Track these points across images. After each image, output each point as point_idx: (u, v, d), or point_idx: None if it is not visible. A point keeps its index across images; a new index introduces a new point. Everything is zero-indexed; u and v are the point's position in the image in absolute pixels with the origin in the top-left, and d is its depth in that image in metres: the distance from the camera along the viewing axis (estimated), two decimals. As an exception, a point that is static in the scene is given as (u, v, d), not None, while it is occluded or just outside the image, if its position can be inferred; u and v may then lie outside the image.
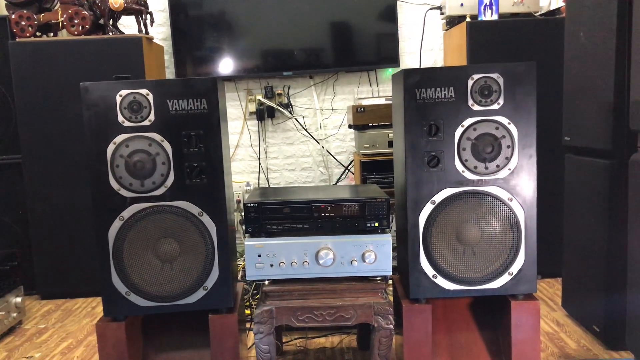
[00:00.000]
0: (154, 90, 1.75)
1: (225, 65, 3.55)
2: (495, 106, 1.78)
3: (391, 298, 2.03)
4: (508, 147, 1.79)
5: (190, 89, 1.76)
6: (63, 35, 3.20)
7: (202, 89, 1.76)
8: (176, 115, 1.76)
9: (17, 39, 3.03)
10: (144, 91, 1.75)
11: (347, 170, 3.72)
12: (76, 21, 3.04)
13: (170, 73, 3.59)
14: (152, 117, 1.75)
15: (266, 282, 1.86)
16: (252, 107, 3.68)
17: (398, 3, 3.53)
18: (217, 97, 1.77)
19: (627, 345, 2.10)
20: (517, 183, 1.81)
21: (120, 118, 1.75)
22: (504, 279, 1.83)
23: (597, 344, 2.28)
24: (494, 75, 1.78)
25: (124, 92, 1.74)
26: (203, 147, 1.77)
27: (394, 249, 1.90)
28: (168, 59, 3.59)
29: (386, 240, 1.84)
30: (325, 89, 3.71)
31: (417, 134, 1.80)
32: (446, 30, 3.37)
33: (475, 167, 1.80)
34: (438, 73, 1.79)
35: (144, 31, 3.19)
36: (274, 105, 3.66)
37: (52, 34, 3.16)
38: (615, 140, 2.11)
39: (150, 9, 3.22)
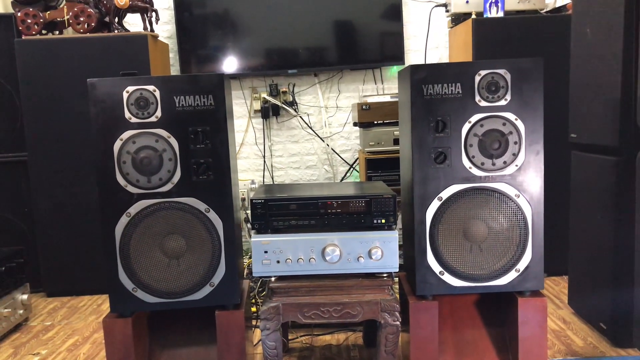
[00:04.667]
0: (160, 87, 1.75)
1: (230, 63, 3.55)
2: (503, 102, 1.78)
3: (397, 296, 2.02)
4: (515, 143, 1.79)
5: (197, 85, 1.76)
6: (69, 33, 3.20)
7: (208, 85, 1.76)
8: (183, 111, 1.76)
9: (23, 37, 3.04)
10: (150, 87, 1.75)
11: (352, 169, 3.72)
12: (82, 19, 3.04)
13: (175, 71, 3.59)
14: (158, 113, 1.75)
15: (272, 279, 1.86)
16: (257, 105, 3.68)
17: (403, 1, 3.53)
18: (223, 93, 1.77)
19: (634, 343, 2.10)
20: (524, 179, 1.80)
21: (127, 114, 1.75)
22: (511, 275, 1.83)
23: (603, 341, 2.27)
24: (501, 71, 1.77)
25: (130, 89, 1.74)
26: (210, 143, 1.77)
27: (400, 247, 1.90)
28: (173, 56, 3.59)
29: (393, 237, 1.83)
30: (330, 86, 3.71)
31: (424, 130, 1.80)
32: (451, 27, 3.37)
33: (483, 164, 1.80)
34: (445, 69, 1.78)
35: (149, 29, 3.19)
36: (278, 103, 3.66)
37: (57, 32, 3.17)
38: (622, 136, 2.10)
39: (155, 7, 3.22)
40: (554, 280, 3.01)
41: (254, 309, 2.50)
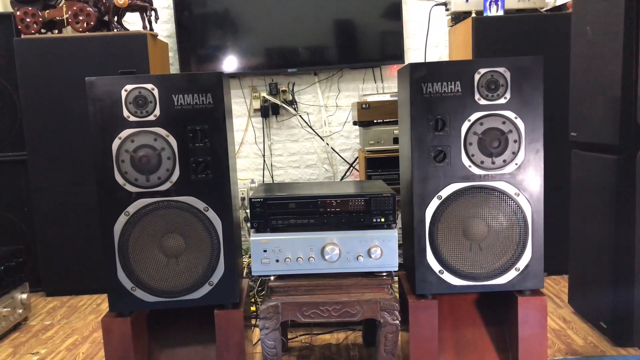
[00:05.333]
0: (159, 85, 1.74)
1: (230, 62, 3.54)
2: (502, 100, 1.77)
3: (397, 295, 2.02)
4: (515, 141, 1.78)
5: (196, 84, 1.75)
6: (68, 32, 3.20)
7: (207, 83, 1.75)
8: (181, 110, 1.76)
9: (22, 36, 3.03)
10: (149, 86, 1.74)
11: (352, 167, 3.71)
12: (81, 18, 3.04)
13: (174, 70, 3.59)
14: (157, 112, 1.75)
15: (272, 278, 1.86)
16: (257, 104, 3.68)
17: (403, -1, 3.53)
18: (222, 91, 1.77)
19: (634, 342, 2.09)
20: (524, 178, 1.79)
21: (126, 113, 1.74)
22: (511, 274, 1.82)
23: (604, 340, 2.26)
24: (501, 70, 1.76)
25: (129, 87, 1.74)
26: (208, 142, 1.77)
27: (399, 246, 1.90)
28: (172, 55, 3.59)
29: (392, 236, 1.83)
30: (329, 85, 3.70)
31: (423, 129, 1.79)
32: (451, 26, 3.36)
33: (482, 162, 1.79)
34: (444, 67, 1.78)
35: (148, 28, 3.19)
36: (278, 102, 3.66)
37: (56, 31, 3.16)
38: (622, 135, 2.09)
39: (154, 6, 3.22)
40: (554, 279, 3.01)
41: (253, 308, 2.50)
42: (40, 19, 3.03)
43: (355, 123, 3.26)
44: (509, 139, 1.78)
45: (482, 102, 1.77)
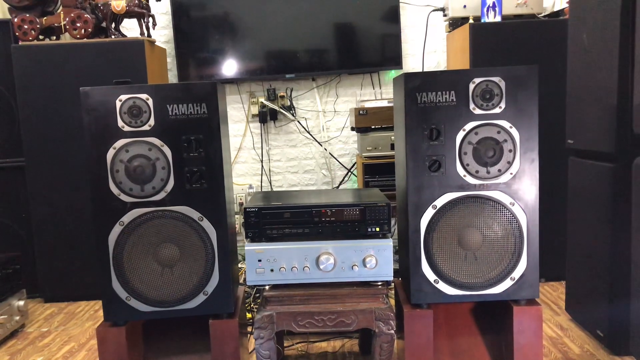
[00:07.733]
0: (153, 95, 1.74)
1: (228, 67, 3.55)
2: (497, 110, 1.77)
3: (392, 301, 2.02)
4: (510, 151, 1.78)
5: (190, 94, 1.75)
6: (65, 38, 3.20)
7: (201, 93, 1.75)
8: (176, 119, 1.76)
9: (20, 43, 3.04)
10: (143, 96, 1.74)
11: (349, 173, 3.71)
12: (78, 24, 3.04)
13: (173, 76, 3.59)
14: (152, 121, 1.75)
15: (267, 287, 1.86)
16: (255, 110, 3.68)
17: (401, 4, 3.52)
18: (217, 101, 1.77)
19: (631, 351, 2.08)
20: (519, 187, 1.79)
21: (120, 123, 1.74)
22: (506, 284, 1.82)
23: (601, 349, 2.26)
24: (496, 79, 1.76)
25: (123, 97, 1.74)
26: (203, 151, 1.77)
27: (395, 252, 1.89)
28: (171, 61, 3.59)
29: (387, 245, 1.82)
30: (328, 91, 3.70)
31: (418, 138, 1.79)
32: (449, 32, 3.36)
33: (477, 172, 1.79)
34: (439, 77, 1.77)
35: (146, 34, 3.19)
36: (276, 107, 3.65)
37: (54, 38, 3.16)
38: (618, 143, 2.09)
39: (152, 12, 3.22)
40: (552, 286, 3.00)
41: (249, 315, 2.49)
42: (38, 26, 3.04)
43: (353, 129, 3.25)
44: (504, 148, 1.78)
45: (477, 111, 1.77)
